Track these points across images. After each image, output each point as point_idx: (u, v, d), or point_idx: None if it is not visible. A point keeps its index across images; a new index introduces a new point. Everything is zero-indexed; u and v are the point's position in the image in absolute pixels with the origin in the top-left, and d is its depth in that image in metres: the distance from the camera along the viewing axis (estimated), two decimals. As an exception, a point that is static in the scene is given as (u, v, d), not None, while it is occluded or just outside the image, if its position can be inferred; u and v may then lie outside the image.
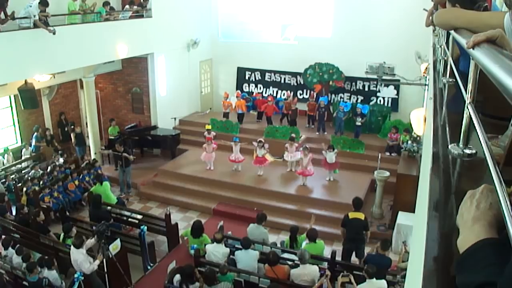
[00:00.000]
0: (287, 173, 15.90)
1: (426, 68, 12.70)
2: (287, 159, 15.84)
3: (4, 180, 14.92)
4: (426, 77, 13.24)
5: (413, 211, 3.87)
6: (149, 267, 11.44)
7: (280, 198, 14.58)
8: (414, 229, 3.78)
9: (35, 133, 17.40)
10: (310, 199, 14.37)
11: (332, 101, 19.38)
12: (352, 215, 10.81)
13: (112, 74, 19.07)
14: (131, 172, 16.18)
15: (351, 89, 19.44)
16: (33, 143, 17.35)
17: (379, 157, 14.52)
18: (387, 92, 18.74)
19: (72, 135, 18.14)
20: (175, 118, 19.20)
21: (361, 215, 10.85)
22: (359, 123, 17.39)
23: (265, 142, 15.75)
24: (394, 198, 13.41)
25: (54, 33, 12.58)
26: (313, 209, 13.89)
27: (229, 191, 15.19)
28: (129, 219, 12.92)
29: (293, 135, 16.21)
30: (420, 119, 10.70)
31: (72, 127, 18.29)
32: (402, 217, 12.16)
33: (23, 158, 17.00)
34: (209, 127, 16.88)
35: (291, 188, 14.96)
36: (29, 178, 14.90)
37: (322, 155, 15.22)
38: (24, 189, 14.30)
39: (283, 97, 20.15)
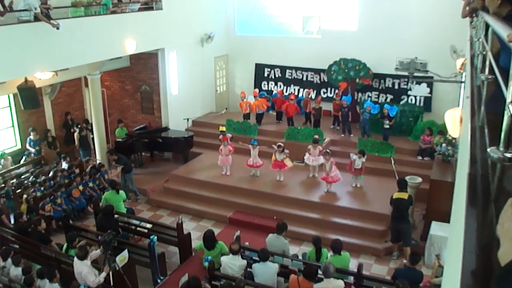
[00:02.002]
0: (309, 179, 15.87)
1: (463, 63, 12.57)
2: (309, 164, 15.85)
3: (3, 185, 14.96)
4: (462, 74, 13.13)
5: (448, 221, 3.85)
6: (159, 281, 11.47)
7: (302, 206, 14.54)
8: (449, 240, 3.75)
9: (29, 137, 17.51)
10: (334, 207, 14.30)
11: (359, 100, 19.32)
12: (396, 195, 12.22)
13: (120, 72, 19.21)
14: (132, 179, 16.28)
15: (380, 87, 19.34)
16: (27, 147, 17.48)
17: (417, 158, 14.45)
18: (419, 91, 18.59)
19: (75, 137, 18.29)
20: (188, 119, 19.25)
21: (404, 195, 12.13)
22: (387, 126, 17.22)
23: (285, 145, 15.72)
24: (427, 207, 13.30)
25: (57, 28, 12.62)
26: (338, 218, 13.91)
27: (246, 198, 15.19)
28: (138, 228, 12.97)
29: (316, 136, 16.16)
30: (456, 119, 10.60)
31: (79, 127, 18.37)
32: (436, 228, 12.07)
33: (22, 162, 17.11)
34: (223, 128, 16.90)
35: (314, 195, 14.92)
36: (30, 183, 15.03)
37: (347, 159, 15.19)
38: (25, 195, 14.39)
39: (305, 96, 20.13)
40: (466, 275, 1.64)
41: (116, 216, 12.81)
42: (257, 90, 20.27)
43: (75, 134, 18.27)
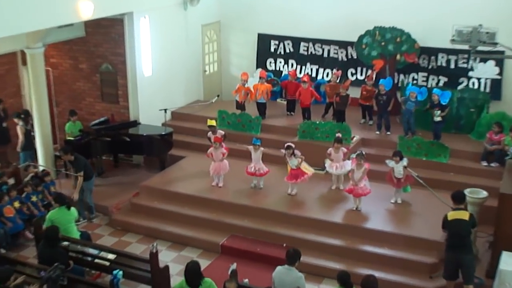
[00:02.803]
0: (332, 192, 15.82)
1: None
2: (331, 172, 15.75)
3: None
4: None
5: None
6: (125, 332, 11.40)
7: (322, 229, 14.43)
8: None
9: None
10: (366, 231, 14.19)
11: (401, 85, 19.21)
12: (452, 215, 11.86)
13: (71, 44, 19.14)
14: (91, 189, 16.13)
15: (429, 67, 19.29)
16: None
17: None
18: (485, 71, 18.53)
19: (19, 131, 18.02)
20: (165, 110, 19.03)
21: (464, 214, 11.84)
22: (439, 118, 17.12)
23: (300, 146, 15.61)
24: (495, 231, 13.14)
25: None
26: (371, 246, 13.80)
27: (245, 219, 15.11)
28: (96, 261, 12.85)
29: (339, 134, 15.93)
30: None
31: (22, 117, 18.14)
32: (508, 260, 11.94)
33: None
34: (213, 122, 16.71)
35: (338, 214, 14.83)
36: None
37: (385, 166, 15.11)
38: None
39: (326, 79, 19.96)
40: None
41: (65, 243, 12.70)
42: (263, 70, 20.19)
43: (18, 127, 18.01)
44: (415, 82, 19.14)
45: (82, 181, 15.67)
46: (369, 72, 19.00)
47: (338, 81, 19.28)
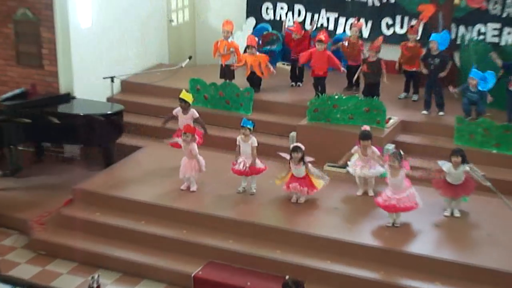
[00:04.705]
0: (358, 200, 15.80)
1: None
2: (352, 172, 15.75)
3: None
4: None
5: None
6: None
7: (342, 254, 14.30)
8: None
9: None
10: (407, 258, 14.06)
11: (461, 42, 19.19)
12: None
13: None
14: None
15: (502, 14, 19.28)
16: None
17: None
18: None
19: None
20: (112, 79, 19.05)
21: None
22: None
23: (308, 133, 15.62)
24: None
25: None
26: (415, 281, 13.58)
27: (229, 239, 15.03)
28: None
29: (367, 128, 15.66)
30: None
31: None
32: None
33: None
34: (188, 96, 16.69)
35: (366, 233, 14.73)
36: None
37: (433, 165, 15.07)
38: None
39: (350, 33, 19.94)
40: None
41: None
42: (252, 21, 20.12)
43: None
44: (482, 37, 19.06)
45: None
46: (414, 22, 18.95)
47: (360, 36, 19.30)
